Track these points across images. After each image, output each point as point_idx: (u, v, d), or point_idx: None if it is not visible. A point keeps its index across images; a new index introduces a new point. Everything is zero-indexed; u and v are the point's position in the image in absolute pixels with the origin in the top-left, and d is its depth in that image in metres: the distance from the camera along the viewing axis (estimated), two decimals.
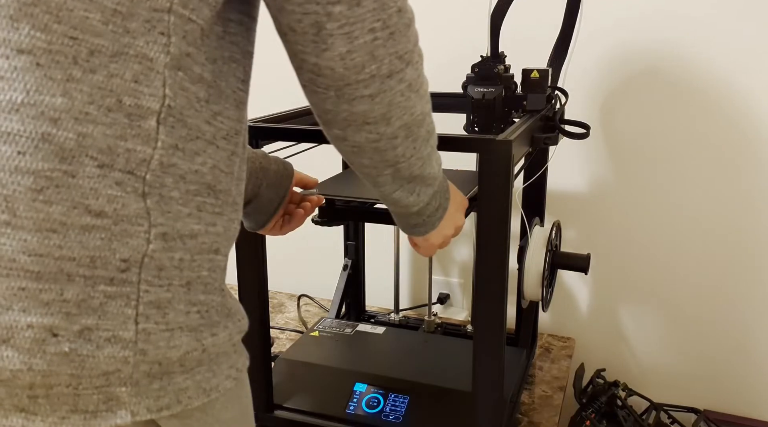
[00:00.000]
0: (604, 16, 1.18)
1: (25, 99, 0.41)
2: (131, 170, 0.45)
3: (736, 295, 1.22)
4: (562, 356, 1.23)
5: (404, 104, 0.56)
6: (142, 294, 0.46)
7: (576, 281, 1.32)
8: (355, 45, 0.50)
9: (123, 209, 0.44)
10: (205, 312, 0.50)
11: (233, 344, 0.53)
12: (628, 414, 1.14)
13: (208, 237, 0.50)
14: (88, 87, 0.43)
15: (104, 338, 0.44)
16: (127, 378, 0.45)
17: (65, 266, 0.43)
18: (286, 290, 1.52)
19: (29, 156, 0.41)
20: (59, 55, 0.42)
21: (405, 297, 1.46)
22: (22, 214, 0.41)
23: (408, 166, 0.61)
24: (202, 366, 0.50)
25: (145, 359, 0.46)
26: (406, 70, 0.54)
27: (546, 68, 0.95)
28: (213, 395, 0.51)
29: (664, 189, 1.22)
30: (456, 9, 1.26)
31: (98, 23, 0.43)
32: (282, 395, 0.95)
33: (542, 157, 1.08)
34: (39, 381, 0.43)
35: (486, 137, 0.73)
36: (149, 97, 0.45)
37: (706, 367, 1.27)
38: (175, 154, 0.47)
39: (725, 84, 1.14)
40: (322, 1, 0.49)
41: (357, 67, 0.51)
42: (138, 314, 0.45)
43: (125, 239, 0.45)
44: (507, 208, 0.74)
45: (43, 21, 0.41)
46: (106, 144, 0.43)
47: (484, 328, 0.78)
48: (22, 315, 0.42)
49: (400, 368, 1.00)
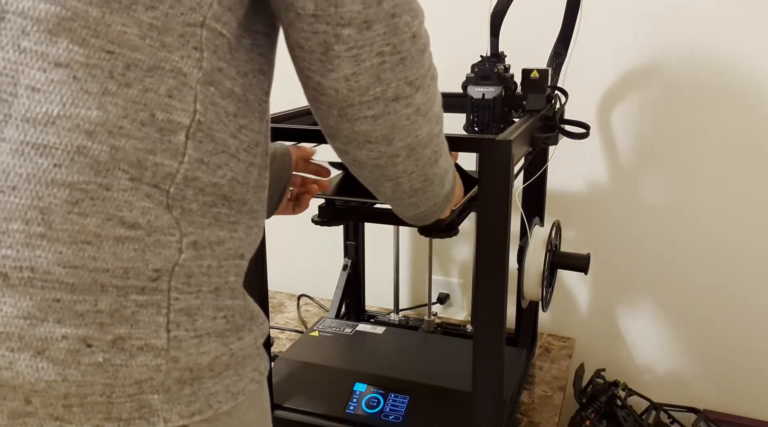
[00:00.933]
0: (604, 15, 1.18)
1: (61, 112, 0.41)
2: (157, 184, 0.45)
3: (736, 294, 1.22)
4: (562, 355, 1.23)
5: (409, 127, 0.55)
6: (173, 302, 0.46)
7: (576, 281, 1.32)
8: (361, 68, 0.50)
9: (156, 221, 0.45)
10: (231, 317, 0.51)
11: (257, 348, 0.54)
12: (628, 414, 1.14)
13: (233, 243, 0.51)
14: (123, 101, 0.43)
15: (137, 347, 0.45)
16: (159, 385, 0.46)
17: (99, 278, 0.43)
18: (286, 289, 1.52)
19: (65, 168, 0.42)
20: (96, 69, 0.42)
21: (405, 297, 1.46)
22: (58, 226, 0.42)
23: (408, 181, 0.61)
24: (229, 370, 0.50)
25: (177, 366, 0.46)
26: (415, 95, 0.54)
27: (546, 68, 0.95)
28: (240, 399, 0.51)
29: (664, 189, 1.22)
30: (456, 9, 1.26)
31: (135, 37, 0.43)
32: (282, 395, 0.95)
33: (542, 157, 1.08)
34: (73, 391, 0.43)
35: (486, 137, 0.73)
36: (181, 112, 0.46)
37: (706, 367, 1.27)
38: (200, 168, 0.48)
39: (726, 84, 1.14)
40: (332, 22, 0.48)
41: (361, 89, 0.51)
42: (169, 322, 0.46)
43: (158, 250, 0.45)
44: (507, 208, 0.73)
45: (81, 35, 0.42)
46: (136, 157, 0.44)
47: (484, 328, 0.78)
48: (57, 326, 0.42)
49: (400, 368, 1.00)
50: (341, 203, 0.95)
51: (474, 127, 0.96)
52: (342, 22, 0.48)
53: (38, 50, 0.41)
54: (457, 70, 0.97)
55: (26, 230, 0.41)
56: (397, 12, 0.50)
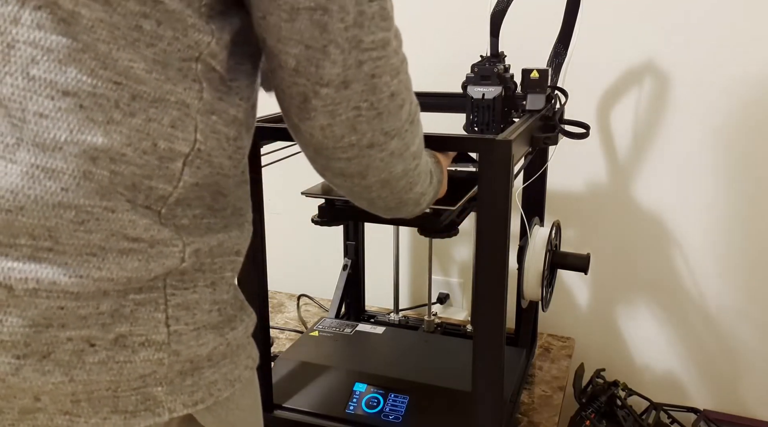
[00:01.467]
0: (604, 15, 1.18)
1: (68, 138, 0.43)
2: (149, 205, 0.47)
3: (736, 294, 1.22)
4: (562, 355, 1.23)
5: (383, 167, 0.56)
6: (169, 298, 0.48)
7: (576, 281, 1.32)
8: (336, 120, 0.51)
9: (158, 234, 0.47)
10: (224, 309, 0.53)
11: (248, 337, 0.56)
12: (628, 414, 1.14)
13: (231, 242, 0.53)
14: (127, 129, 0.45)
15: (138, 343, 0.46)
16: (162, 378, 0.48)
17: (103, 285, 0.44)
18: (286, 289, 1.52)
19: (72, 192, 0.43)
20: (102, 99, 0.43)
21: (405, 297, 1.46)
22: (64, 241, 0.43)
23: (383, 203, 0.62)
24: (225, 359, 0.52)
25: (179, 358, 0.48)
26: (390, 142, 0.55)
27: (546, 68, 0.95)
28: (237, 386, 0.53)
29: (664, 189, 1.22)
30: (456, 9, 1.26)
31: (142, 71, 0.45)
32: (282, 395, 0.95)
33: (542, 157, 1.08)
34: (80, 389, 0.45)
35: (486, 137, 0.73)
36: (182, 142, 0.47)
37: (706, 367, 1.27)
38: (193, 189, 0.49)
39: (726, 83, 1.14)
40: (311, 79, 0.50)
41: (336, 137, 0.52)
42: (168, 317, 0.48)
43: (161, 260, 0.47)
44: (507, 208, 0.73)
45: (90, 66, 0.43)
46: (132, 182, 0.45)
47: (483, 328, 0.78)
48: (61, 330, 0.44)
49: (400, 368, 1.00)
50: (341, 203, 0.95)
51: (474, 127, 0.96)
52: (321, 81, 0.49)
53: (47, 78, 0.42)
54: (457, 70, 0.97)
55: (33, 245, 0.42)
56: (377, 73, 0.51)
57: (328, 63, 0.49)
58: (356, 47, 0.49)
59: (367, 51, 0.50)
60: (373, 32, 0.50)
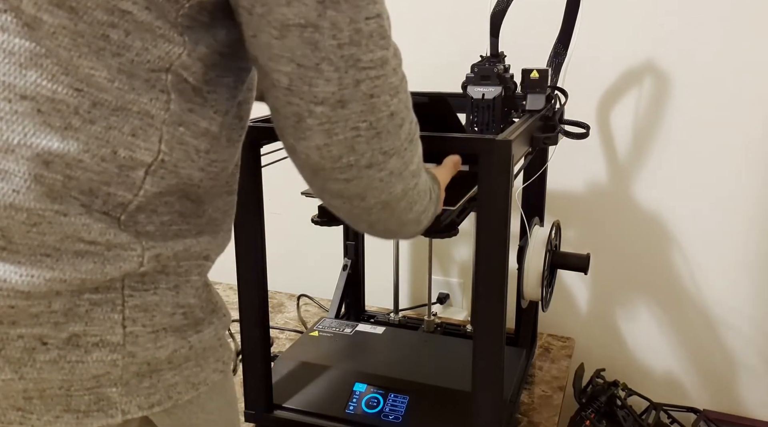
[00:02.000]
0: (604, 15, 1.18)
1: (21, 141, 0.43)
2: (107, 211, 0.46)
3: (736, 294, 1.22)
4: (562, 355, 1.23)
5: (382, 187, 0.55)
6: (127, 299, 0.47)
7: (576, 281, 1.32)
8: (333, 140, 0.50)
9: (115, 239, 0.46)
10: (191, 313, 0.52)
11: (218, 339, 0.55)
12: (628, 414, 1.14)
13: (199, 246, 0.52)
14: (86, 136, 0.44)
15: (92, 344, 0.46)
16: (117, 379, 0.47)
17: (55, 286, 0.44)
18: (285, 289, 1.52)
19: (23, 195, 0.43)
20: (61, 104, 0.43)
21: (405, 297, 1.46)
22: (18, 241, 0.43)
23: (383, 226, 0.60)
24: (189, 362, 0.52)
25: (134, 360, 0.48)
26: (389, 162, 0.54)
27: (546, 68, 0.95)
28: (201, 389, 0.53)
29: (665, 189, 1.22)
30: (456, 9, 1.26)
31: (104, 80, 0.44)
32: (282, 395, 0.95)
33: (542, 157, 1.08)
34: (31, 387, 0.45)
35: (486, 137, 0.73)
36: (144, 151, 0.47)
37: (706, 367, 1.27)
38: (155, 198, 0.49)
39: (726, 83, 1.14)
40: (305, 98, 0.48)
41: (333, 157, 0.51)
42: (125, 318, 0.47)
43: (118, 263, 0.46)
44: (507, 208, 0.73)
45: (51, 71, 0.43)
46: (88, 187, 0.45)
47: (483, 328, 0.78)
48: (12, 327, 0.44)
49: (400, 368, 1.00)
50: None
51: (474, 127, 0.96)
52: (315, 100, 0.48)
53: (5, 81, 0.42)
54: (457, 70, 0.97)
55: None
56: (376, 93, 0.50)
57: (321, 81, 0.48)
58: (353, 66, 0.48)
59: (364, 70, 0.49)
60: (372, 51, 0.48)
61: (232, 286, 1.55)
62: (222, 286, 1.55)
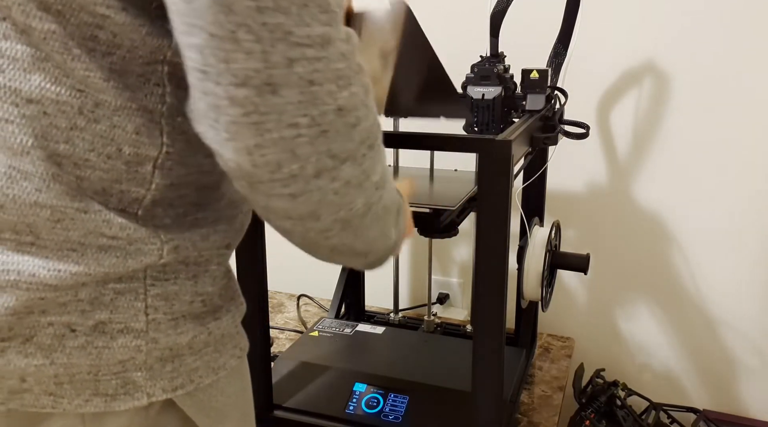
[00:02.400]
0: (604, 15, 1.18)
1: (34, 143, 0.44)
2: (124, 208, 0.48)
3: (736, 294, 1.22)
4: (562, 355, 1.23)
5: (339, 201, 0.46)
6: (149, 288, 0.49)
7: (576, 281, 1.32)
8: (266, 139, 0.41)
9: (135, 233, 0.47)
10: (209, 301, 0.53)
11: (236, 326, 0.57)
12: (628, 414, 1.14)
13: (218, 236, 0.53)
14: (91, 136, 0.45)
15: (117, 330, 0.48)
16: (141, 364, 0.49)
17: (81, 279, 0.46)
18: (286, 290, 1.52)
19: (44, 193, 0.44)
20: (66, 106, 0.44)
21: (404, 297, 1.46)
22: (45, 236, 0.45)
23: (350, 250, 0.52)
24: (208, 347, 0.53)
25: (157, 346, 0.49)
26: (342, 168, 0.45)
27: (546, 68, 0.95)
28: (221, 373, 0.54)
29: (664, 189, 1.22)
30: (455, 9, 1.26)
31: (99, 80, 0.45)
32: (281, 395, 0.95)
33: (542, 157, 1.08)
34: (62, 372, 0.47)
35: (486, 137, 0.73)
36: (149, 146, 0.47)
37: (705, 367, 1.27)
38: (168, 190, 0.49)
39: (726, 83, 1.14)
40: (222, 82, 0.40)
41: (270, 165, 0.42)
42: (147, 307, 0.49)
43: (139, 257, 0.48)
44: (507, 208, 0.73)
45: (54, 74, 0.44)
46: (101, 186, 0.46)
47: (483, 328, 0.78)
48: (42, 316, 0.46)
49: (400, 368, 1.00)
50: None
51: (474, 127, 0.96)
52: (235, 80, 0.40)
53: (12, 86, 0.43)
54: (456, 70, 0.97)
55: (17, 239, 0.45)
56: (317, 79, 0.42)
57: (241, 55, 0.39)
58: (282, 40, 0.40)
59: (298, 47, 0.40)
60: (308, 24, 0.40)
61: None
62: None
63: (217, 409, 0.54)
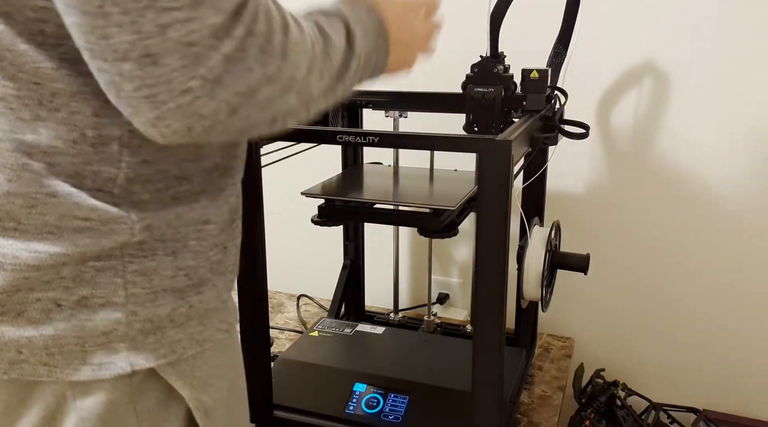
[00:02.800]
0: (604, 15, 1.18)
1: (3, 136, 0.48)
2: (99, 188, 0.50)
3: (736, 294, 1.22)
4: (562, 355, 1.23)
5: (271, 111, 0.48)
6: (126, 265, 0.52)
7: (576, 281, 1.32)
8: (164, 111, 0.42)
9: (106, 214, 0.50)
10: (195, 274, 0.56)
11: (223, 301, 0.59)
12: (628, 414, 1.14)
13: (195, 213, 0.55)
14: (54, 124, 0.48)
15: (99, 304, 0.51)
16: (123, 335, 0.52)
17: (60, 259, 0.49)
18: (285, 290, 1.52)
19: (15, 183, 0.48)
20: (27, 99, 0.47)
21: (404, 297, 1.46)
22: (24, 222, 0.49)
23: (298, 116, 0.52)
24: (191, 320, 0.56)
25: (137, 318, 0.52)
26: (257, 95, 0.45)
27: (546, 68, 0.95)
28: (206, 346, 0.57)
29: (664, 189, 1.22)
30: (455, 9, 1.26)
31: (51, 71, 0.47)
32: (281, 395, 0.95)
33: (542, 157, 1.08)
34: (51, 343, 0.50)
35: (486, 137, 0.73)
36: (110, 127, 0.49)
37: (705, 367, 1.27)
38: (142, 166, 0.51)
39: (727, 84, 1.14)
40: (108, 58, 0.41)
41: (179, 131, 0.44)
42: (126, 282, 0.52)
43: (113, 236, 0.50)
44: (507, 208, 0.74)
45: (10, 72, 0.46)
46: (73, 170, 0.49)
47: (483, 328, 0.78)
48: (30, 292, 0.50)
49: (400, 368, 1.00)
50: (341, 203, 0.95)
51: (474, 127, 0.96)
52: (117, 56, 0.41)
53: None
54: (456, 70, 0.97)
55: (2, 225, 0.49)
56: (195, 39, 0.41)
57: (114, 29, 0.40)
58: (150, 7, 0.39)
59: (167, 11, 0.40)
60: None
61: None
62: None
63: (201, 379, 0.57)
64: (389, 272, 1.41)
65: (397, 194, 0.96)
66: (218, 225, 0.57)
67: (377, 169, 1.13)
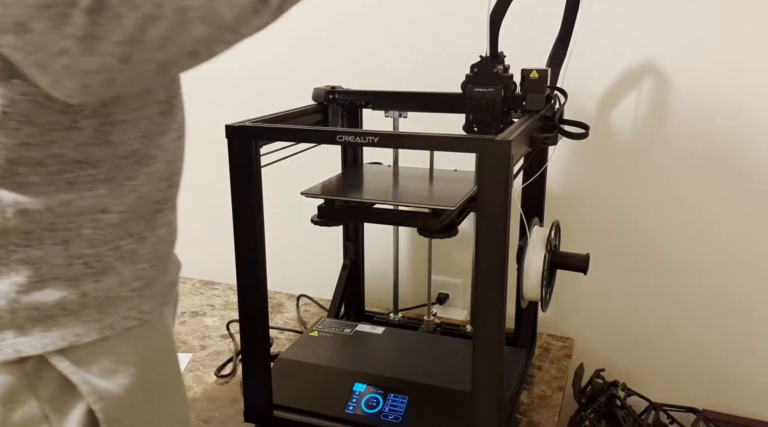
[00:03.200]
0: (604, 15, 1.18)
1: None
2: None
3: (736, 294, 1.22)
4: (562, 355, 1.23)
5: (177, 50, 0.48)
6: (11, 254, 0.52)
7: (575, 281, 1.32)
8: (53, 74, 0.45)
9: None
10: (96, 263, 0.56)
11: (132, 290, 0.59)
12: (628, 414, 1.14)
13: (86, 201, 0.54)
14: None
15: None
16: (9, 323, 0.53)
17: None
18: (285, 290, 1.52)
19: None
20: None
21: (404, 297, 1.46)
22: None
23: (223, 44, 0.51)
24: (88, 308, 0.55)
25: (20, 306, 0.53)
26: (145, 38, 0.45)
27: (545, 68, 0.95)
28: (106, 333, 0.57)
29: (664, 189, 1.22)
30: (455, 8, 1.26)
31: None
32: (281, 395, 0.95)
33: (542, 157, 1.08)
34: None
35: (485, 137, 0.73)
36: None
37: (705, 367, 1.27)
38: (24, 149, 0.50)
39: (727, 84, 1.14)
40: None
41: (79, 91, 0.46)
42: (11, 270, 0.52)
43: None
44: (506, 208, 0.74)
45: None
46: None
47: (483, 328, 0.78)
48: None
49: (400, 368, 1.00)
50: (341, 203, 0.95)
51: (474, 127, 0.96)
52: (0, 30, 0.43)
53: None
54: (456, 70, 0.97)
55: None
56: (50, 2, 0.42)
57: None
58: None
59: None
60: None
61: (231, 286, 1.55)
62: (222, 286, 1.55)
63: (103, 366, 0.57)
64: (389, 272, 1.41)
65: (397, 194, 0.96)
66: (123, 215, 0.56)
67: (377, 169, 1.13)
